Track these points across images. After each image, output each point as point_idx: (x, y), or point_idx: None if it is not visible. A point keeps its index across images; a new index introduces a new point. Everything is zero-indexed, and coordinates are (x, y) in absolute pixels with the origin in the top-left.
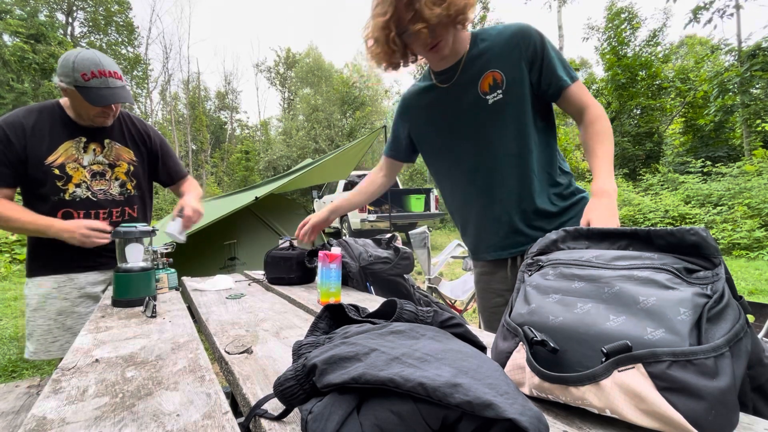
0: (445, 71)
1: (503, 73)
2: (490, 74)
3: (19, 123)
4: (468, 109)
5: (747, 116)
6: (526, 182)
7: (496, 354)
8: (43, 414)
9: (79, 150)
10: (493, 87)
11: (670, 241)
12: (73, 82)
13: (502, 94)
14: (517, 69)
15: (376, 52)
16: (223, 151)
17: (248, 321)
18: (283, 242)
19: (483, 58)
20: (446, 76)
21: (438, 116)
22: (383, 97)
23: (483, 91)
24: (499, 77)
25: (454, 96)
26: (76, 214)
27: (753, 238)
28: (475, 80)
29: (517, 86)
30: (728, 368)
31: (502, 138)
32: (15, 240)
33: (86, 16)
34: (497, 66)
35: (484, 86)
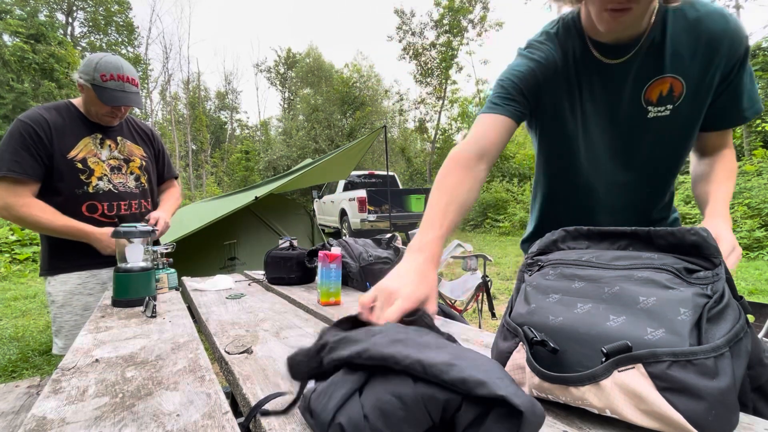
0: (615, 46)
1: (685, 85)
2: (668, 80)
3: (42, 118)
4: (620, 106)
5: None
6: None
7: (497, 354)
8: (43, 414)
9: (96, 145)
10: (663, 99)
11: (671, 241)
12: (91, 80)
13: (668, 112)
14: (702, 76)
15: None
16: (223, 151)
17: (248, 321)
18: (283, 242)
19: (668, 48)
20: (617, 52)
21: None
22: (383, 97)
23: (647, 98)
24: (679, 88)
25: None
26: (100, 206)
27: (753, 238)
28: (645, 80)
29: (691, 102)
30: (728, 368)
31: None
32: (15, 240)
33: (86, 16)
34: (681, 71)
35: (651, 93)
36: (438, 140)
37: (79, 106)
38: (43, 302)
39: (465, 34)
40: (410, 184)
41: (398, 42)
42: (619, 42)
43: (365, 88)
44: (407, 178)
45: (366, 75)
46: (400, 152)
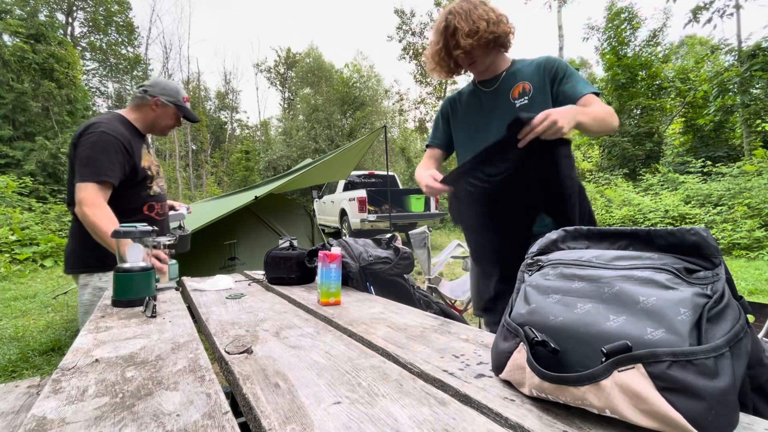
0: (487, 81)
1: (531, 84)
2: (520, 84)
3: (123, 133)
4: (499, 108)
5: (747, 116)
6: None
7: (497, 354)
8: (43, 414)
9: (149, 153)
10: (521, 94)
11: (671, 241)
12: (175, 101)
13: (527, 100)
14: (541, 82)
15: (433, 68)
16: (223, 151)
17: (248, 321)
18: (283, 242)
19: (517, 74)
20: (490, 83)
21: (476, 114)
22: (383, 97)
23: (513, 96)
24: (528, 87)
25: (493, 99)
26: (156, 206)
27: (753, 238)
28: (509, 88)
29: (539, 95)
30: (728, 368)
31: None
32: (15, 240)
33: (86, 16)
34: (526, 79)
35: (514, 93)
36: None
37: (128, 118)
38: (42, 302)
39: None
40: (410, 184)
41: (398, 42)
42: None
43: (365, 88)
44: (407, 178)
45: (366, 75)
46: (400, 152)
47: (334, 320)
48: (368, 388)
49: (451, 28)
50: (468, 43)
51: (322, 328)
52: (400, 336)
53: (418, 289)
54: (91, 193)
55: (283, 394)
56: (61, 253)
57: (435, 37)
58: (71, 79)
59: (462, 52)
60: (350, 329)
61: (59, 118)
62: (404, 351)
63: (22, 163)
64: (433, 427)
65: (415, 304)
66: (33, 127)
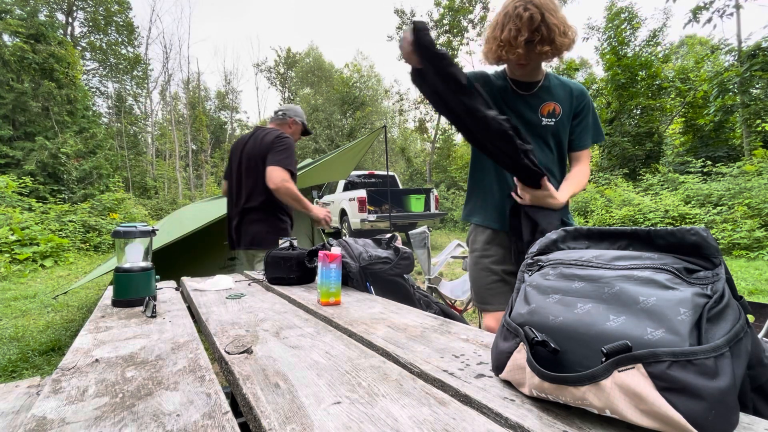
0: (525, 83)
1: (561, 109)
2: (552, 104)
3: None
4: (526, 117)
5: (747, 116)
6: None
7: (497, 354)
8: (43, 414)
9: None
10: (550, 114)
11: (671, 241)
12: (302, 120)
13: (553, 123)
14: (569, 110)
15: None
16: (223, 151)
17: (248, 321)
18: (283, 242)
19: (551, 91)
20: (526, 87)
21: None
22: (383, 97)
23: (541, 113)
24: (558, 110)
25: (525, 103)
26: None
27: (753, 238)
28: (539, 103)
29: (564, 121)
30: (728, 368)
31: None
32: (15, 240)
33: (86, 16)
34: (558, 101)
35: (543, 110)
36: (438, 140)
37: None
38: (42, 302)
39: (465, 34)
40: (410, 184)
41: (398, 42)
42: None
43: (365, 88)
44: (407, 178)
45: (366, 75)
46: (400, 152)
47: (334, 320)
48: (368, 388)
49: (537, 21)
50: (563, 42)
51: (322, 328)
52: (400, 336)
53: (418, 289)
54: (287, 175)
55: (283, 394)
56: (60, 253)
57: (514, 23)
58: (71, 79)
59: (550, 49)
60: (350, 329)
61: (59, 118)
62: (404, 351)
63: (22, 163)
64: (433, 427)
65: (415, 304)
66: (33, 127)
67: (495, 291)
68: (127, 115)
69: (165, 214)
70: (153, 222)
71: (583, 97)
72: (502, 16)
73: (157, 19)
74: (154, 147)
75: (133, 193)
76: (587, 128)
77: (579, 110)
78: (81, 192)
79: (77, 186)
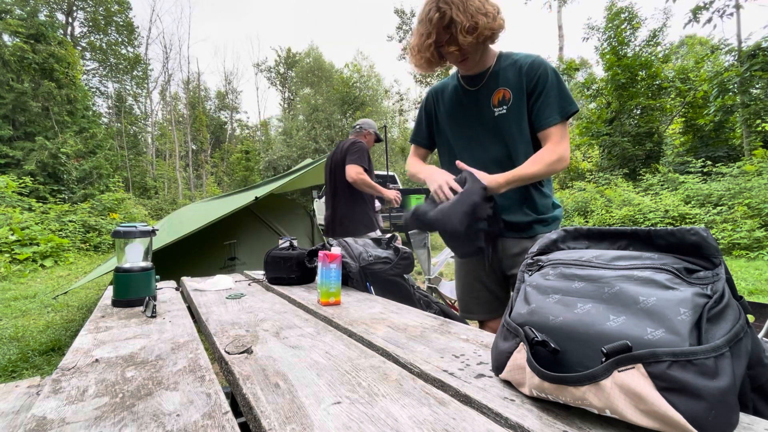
0: (472, 78)
1: (511, 93)
2: (501, 91)
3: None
4: (479, 113)
5: (747, 116)
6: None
7: (497, 354)
8: (43, 414)
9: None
10: (500, 102)
11: (671, 241)
12: (374, 131)
13: (505, 110)
14: (519, 90)
15: (418, 61)
16: (223, 151)
17: (248, 321)
18: (283, 242)
19: (500, 75)
20: (473, 82)
21: (458, 112)
22: (383, 97)
23: (493, 104)
24: (508, 95)
25: (475, 99)
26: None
27: (753, 238)
28: (490, 92)
29: (517, 105)
30: (728, 368)
31: (496, 146)
32: (15, 240)
33: (86, 16)
34: (508, 85)
35: (494, 100)
36: None
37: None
38: (42, 302)
39: None
40: (410, 184)
41: (398, 42)
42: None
43: (365, 88)
44: (407, 178)
45: (366, 75)
46: (400, 152)
47: (334, 320)
48: (368, 388)
49: (446, 20)
50: (467, 41)
51: (322, 328)
52: (400, 336)
53: (418, 289)
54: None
55: (283, 394)
56: (60, 253)
57: (424, 27)
58: (71, 79)
59: (457, 49)
60: (350, 329)
61: (59, 118)
62: (404, 351)
63: (22, 163)
64: (433, 427)
65: (415, 304)
66: (33, 127)
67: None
68: (127, 115)
69: (165, 214)
70: (153, 222)
71: (533, 71)
72: (417, 23)
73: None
74: (154, 147)
75: (133, 193)
76: (547, 103)
77: (533, 87)
78: (81, 192)
79: (77, 186)
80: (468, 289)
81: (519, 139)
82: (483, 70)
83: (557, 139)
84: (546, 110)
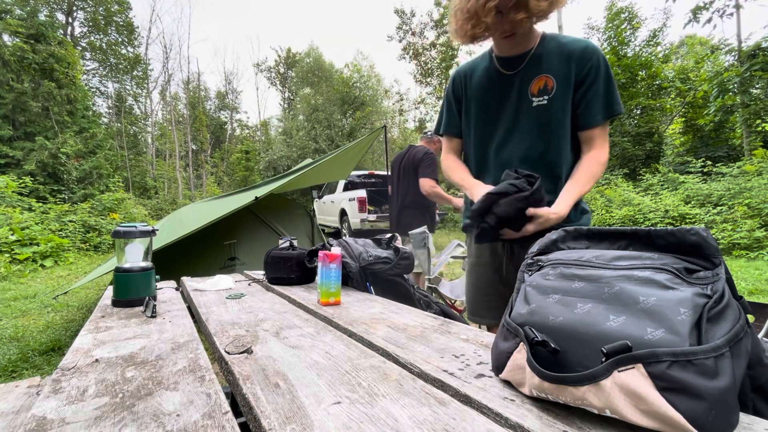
0: (509, 59)
1: (555, 82)
2: (543, 78)
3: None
4: (515, 102)
5: (747, 116)
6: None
7: (497, 354)
8: (43, 414)
9: None
10: (541, 92)
11: (671, 241)
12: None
13: (546, 101)
14: (566, 80)
15: (463, 28)
16: (223, 151)
17: (248, 321)
18: (283, 242)
19: (544, 60)
20: (511, 65)
21: (489, 99)
22: (383, 97)
23: (532, 92)
24: (551, 84)
25: (509, 86)
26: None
27: (753, 238)
28: (530, 78)
29: (560, 96)
30: (728, 368)
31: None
32: (15, 240)
33: (86, 16)
34: (552, 73)
35: (534, 88)
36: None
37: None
38: (42, 302)
39: None
40: None
41: (398, 42)
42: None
43: (365, 88)
44: None
45: (366, 75)
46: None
47: (334, 320)
48: (368, 388)
49: None
50: (540, 7)
51: (322, 328)
52: (400, 336)
53: (418, 289)
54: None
55: (283, 394)
56: (60, 253)
57: None
58: (71, 79)
59: (525, 16)
60: (350, 329)
61: (59, 118)
62: (404, 351)
63: (22, 163)
64: (433, 427)
65: (415, 304)
66: (33, 127)
67: (488, 304)
68: (127, 115)
69: (165, 214)
70: (153, 222)
71: (586, 59)
72: None
73: (157, 19)
74: (154, 147)
75: (133, 193)
76: (596, 99)
77: (582, 77)
78: (81, 192)
79: (77, 186)
80: (479, 294)
81: (559, 136)
82: (524, 51)
83: (601, 142)
84: (594, 107)
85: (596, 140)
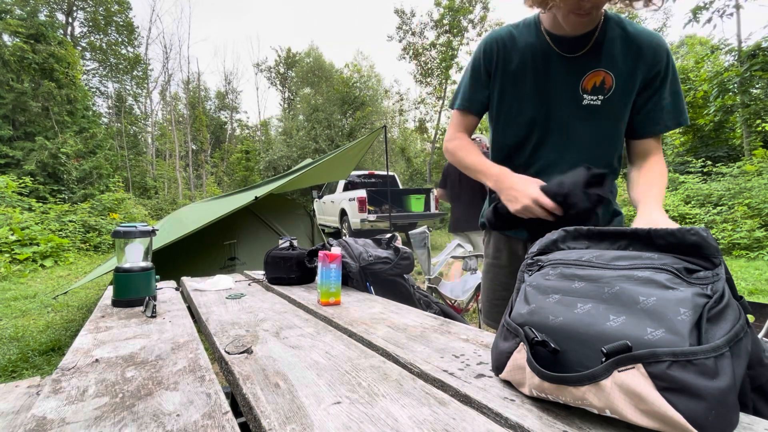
0: (570, 41)
1: (615, 81)
2: (601, 74)
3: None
4: (565, 91)
5: (747, 116)
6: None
7: (497, 354)
8: (43, 414)
9: None
10: (596, 89)
11: (671, 241)
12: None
13: (600, 102)
14: (630, 80)
15: None
16: (223, 151)
17: (248, 321)
18: (283, 242)
19: (605, 50)
20: (571, 47)
21: (541, 81)
22: (383, 97)
23: (584, 87)
24: (609, 83)
25: (565, 69)
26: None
27: (753, 238)
28: (585, 70)
29: (619, 99)
30: (728, 368)
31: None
32: (15, 240)
33: (86, 16)
34: (613, 69)
35: (587, 83)
36: (438, 140)
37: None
38: (42, 302)
39: (465, 34)
40: (410, 184)
41: (398, 42)
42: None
43: (365, 88)
44: (407, 178)
45: (366, 75)
46: (400, 152)
47: (334, 320)
48: (368, 388)
49: None
50: None
51: (322, 328)
52: (400, 336)
53: (418, 289)
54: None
55: (283, 394)
56: (60, 253)
57: None
58: (71, 79)
59: None
60: (350, 329)
61: (59, 118)
62: (404, 351)
63: (22, 163)
64: (433, 427)
65: (415, 304)
66: (33, 127)
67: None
68: (127, 115)
69: (165, 214)
70: (153, 222)
71: (658, 59)
72: None
73: (157, 19)
74: (154, 147)
75: (133, 193)
76: (663, 104)
77: (651, 78)
78: (81, 192)
79: (77, 186)
80: (494, 298)
81: (608, 145)
82: (588, 30)
83: (660, 154)
84: (662, 113)
85: (653, 152)
